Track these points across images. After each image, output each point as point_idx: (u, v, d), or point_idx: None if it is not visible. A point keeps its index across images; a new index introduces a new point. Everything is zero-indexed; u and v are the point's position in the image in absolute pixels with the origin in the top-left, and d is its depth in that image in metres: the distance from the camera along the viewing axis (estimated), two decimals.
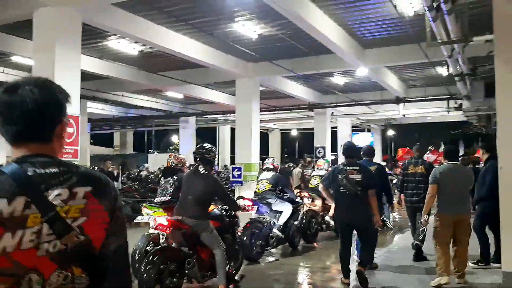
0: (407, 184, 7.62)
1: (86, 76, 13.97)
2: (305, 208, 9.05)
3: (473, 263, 6.50)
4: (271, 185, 7.88)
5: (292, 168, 15.94)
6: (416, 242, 7.29)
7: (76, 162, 8.70)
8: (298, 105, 22.34)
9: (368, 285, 5.70)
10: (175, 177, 6.53)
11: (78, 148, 8.99)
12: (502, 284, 5.37)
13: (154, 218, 5.29)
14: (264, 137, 28.29)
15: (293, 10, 9.15)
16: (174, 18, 10.55)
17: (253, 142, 15.73)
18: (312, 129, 24.69)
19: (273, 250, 8.05)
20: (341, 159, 8.59)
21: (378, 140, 31.67)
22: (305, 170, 15.93)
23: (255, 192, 8.24)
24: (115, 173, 13.76)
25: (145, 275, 4.61)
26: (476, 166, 13.39)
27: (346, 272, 5.98)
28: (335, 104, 21.51)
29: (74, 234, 1.28)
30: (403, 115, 22.83)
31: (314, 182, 9.92)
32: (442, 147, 27.41)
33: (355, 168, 5.93)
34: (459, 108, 18.63)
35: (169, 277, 4.80)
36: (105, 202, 1.38)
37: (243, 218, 6.85)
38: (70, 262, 1.28)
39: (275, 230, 7.50)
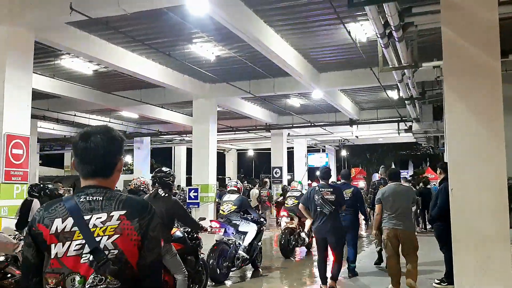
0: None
1: (37, 95, 13.52)
2: (284, 226, 9.92)
3: (436, 283, 6.66)
4: (236, 206, 7.97)
5: (249, 189, 15.94)
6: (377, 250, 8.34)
7: (25, 185, 8.35)
8: (255, 125, 22.50)
9: None
10: None
11: (27, 170, 8.61)
12: None
13: None
14: (220, 157, 28.17)
15: (251, 33, 9.27)
16: (131, 38, 10.42)
17: (210, 163, 15.63)
18: (269, 149, 24.88)
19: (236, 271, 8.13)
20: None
21: (333, 160, 32.28)
22: (261, 191, 15.98)
23: (219, 214, 8.40)
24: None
25: None
26: (427, 186, 13.90)
27: (323, 279, 6.65)
28: (291, 125, 21.82)
29: (106, 255, 1.71)
30: (356, 136, 23.50)
31: (290, 202, 10.46)
32: (393, 166, 28.31)
33: (329, 189, 6.70)
34: (409, 130, 19.38)
35: None
36: (137, 224, 1.76)
37: (209, 240, 6.80)
38: (106, 269, 1.68)
39: (240, 251, 7.62)
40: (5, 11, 8.22)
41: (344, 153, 33.80)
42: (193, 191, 14.23)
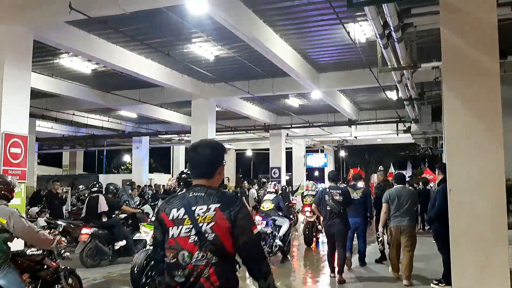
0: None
1: (36, 94, 13.51)
2: (305, 220, 11.69)
3: (434, 283, 6.67)
4: (273, 204, 9.78)
5: (247, 189, 15.94)
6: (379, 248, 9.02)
7: (23, 184, 8.35)
8: (254, 126, 22.49)
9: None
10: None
11: (26, 170, 8.59)
12: None
13: (151, 236, 6.03)
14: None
15: (250, 33, 9.27)
16: (130, 37, 10.42)
17: None
18: (267, 149, 24.86)
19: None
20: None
21: (331, 161, 32.30)
22: (259, 191, 15.98)
23: (260, 210, 10.25)
24: (64, 196, 13.17)
25: None
26: (426, 187, 13.92)
27: (332, 268, 7.67)
28: (290, 126, 21.82)
29: (205, 235, 2.31)
30: (355, 137, 23.48)
31: (309, 200, 11.97)
32: (391, 168, 28.39)
33: (338, 191, 7.61)
34: (407, 130, 19.36)
35: None
36: (227, 214, 2.32)
37: None
38: (204, 248, 2.27)
39: (277, 240, 9.21)
40: (4, 10, 8.21)
41: (342, 153, 33.81)
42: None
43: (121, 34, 10.18)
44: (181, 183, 6.27)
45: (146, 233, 6.65)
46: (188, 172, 6.05)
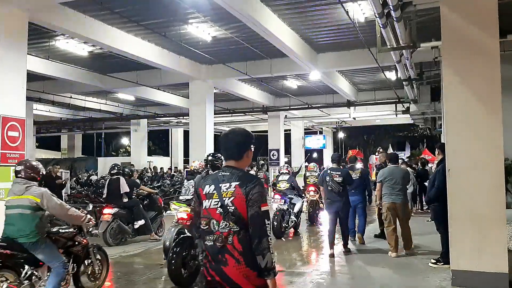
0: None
1: (32, 77, 13.40)
2: (307, 199, 12.10)
3: (432, 262, 6.73)
4: (289, 184, 10.72)
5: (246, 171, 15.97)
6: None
7: None
8: (252, 108, 22.43)
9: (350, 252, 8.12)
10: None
11: (24, 153, 8.56)
12: (451, 282, 5.59)
13: (177, 213, 6.81)
14: (217, 139, 28.14)
15: (247, 13, 9.15)
16: (126, 19, 10.30)
17: (207, 145, 15.61)
18: (266, 131, 24.85)
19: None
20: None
21: (330, 142, 32.32)
22: (258, 173, 16.01)
23: (277, 189, 10.85)
24: (63, 178, 13.18)
25: (173, 260, 5.83)
26: (425, 167, 13.96)
27: (331, 244, 7.99)
28: (288, 107, 21.75)
29: (227, 208, 2.74)
30: (354, 118, 23.45)
31: (311, 180, 12.58)
32: (390, 149, 28.41)
33: (338, 172, 8.09)
34: (406, 111, 19.34)
35: (192, 260, 5.92)
36: (243, 190, 2.71)
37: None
38: (227, 218, 2.71)
39: (292, 217, 10.21)
40: None
41: (341, 135, 33.82)
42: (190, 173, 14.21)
43: (117, 15, 10.06)
44: (208, 165, 7.01)
45: (175, 209, 7.07)
46: (214, 155, 6.97)
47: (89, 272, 5.54)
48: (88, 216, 5.26)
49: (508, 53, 7.97)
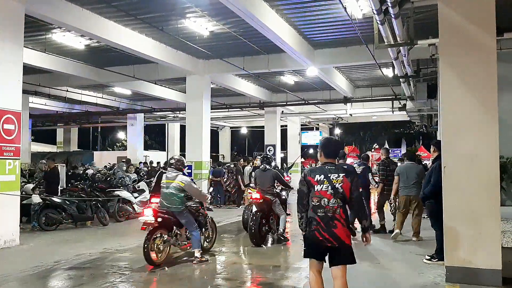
0: (390, 177, 9.45)
1: (28, 70, 13.35)
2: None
3: (427, 258, 6.77)
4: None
5: (242, 167, 15.97)
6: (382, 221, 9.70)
7: (17, 161, 8.31)
8: (249, 103, 22.41)
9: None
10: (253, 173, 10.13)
11: (19, 146, 8.54)
12: (445, 278, 5.63)
13: (251, 195, 8.87)
14: (214, 134, 28.13)
15: (245, 8, 9.14)
16: (123, 12, 10.26)
17: (204, 140, 15.61)
18: (262, 127, 24.86)
19: None
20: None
21: None
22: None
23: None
24: (60, 171, 13.10)
25: (253, 227, 8.23)
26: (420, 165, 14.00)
27: None
28: (285, 103, 21.76)
29: (338, 190, 4.01)
30: (350, 114, 23.48)
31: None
32: (386, 145, 28.43)
33: (344, 167, 8.42)
34: (403, 108, 19.37)
35: (264, 227, 8.46)
36: (349, 178, 3.99)
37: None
38: (337, 197, 3.96)
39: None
40: None
41: (337, 131, 33.87)
42: (187, 168, 14.20)
43: (114, 8, 10.02)
44: (263, 160, 8.90)
45: (250, 193, 9.45)
46: (267, 155, 9.26)
47: (206, 236, 7.68)
48: (209, 196, 8.08)
49: (505, 51, 7.97)
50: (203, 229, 7.48)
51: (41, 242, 8.76)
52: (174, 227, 6.91)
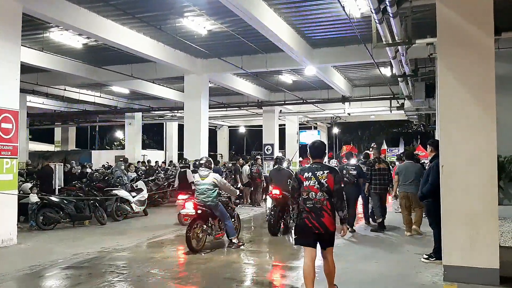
0: (374, 177, 9.78)
1: (26, 69, 13.30)
2: None
3: (424, 257, 6.77)
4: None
5: (241, 166, 15.96)
6: (379, 219, 9.81)
7: (15, 160, 8.29)
8: (247, 102, 22.40)
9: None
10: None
11: (17, 145, 8.52)
12: (443, 278, 5.64)
13: (272, 191, 9.61)
14: (212, 133, 28.11)
15: (243, 7, 9.12)
16: (121, 11, 10.23)
17: (202, 139, 15.60)
18: (260, 126, 24.84)
19: None
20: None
21: (324, 138, 32.37)
22: (252, 168, 16.01)
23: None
24: (57, 171, 13.07)
25: (271, 220, 9.25)
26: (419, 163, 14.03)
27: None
28: (283, 102, 21.75)
29: (323, 185, 4.77)
30: (349, 114, 23.48)
31: None
32: (384, 144, 28.45)
33: (353, 167, 9.89)
34: (401, 107, 19.40)
35: (283, 217, 9.39)
36: (332, 175, 4.79)
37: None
38: (322, 190, 4.75)
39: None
40: None
41: (335, 130, 33.91)
42: None
43: (112, 7, 10.00)
44: (276, 161, 10.17)
45: (272, 190, 9.86)
46: (280, 156, 10.55)
47: (234, 226, 8.36)
48: (238, 191, 8.90)
49: (503, 50, 7.97)
50: (233, 220, 8.40)
51: (39, 242, 8.75)
52: (210, 219, 7.93)
